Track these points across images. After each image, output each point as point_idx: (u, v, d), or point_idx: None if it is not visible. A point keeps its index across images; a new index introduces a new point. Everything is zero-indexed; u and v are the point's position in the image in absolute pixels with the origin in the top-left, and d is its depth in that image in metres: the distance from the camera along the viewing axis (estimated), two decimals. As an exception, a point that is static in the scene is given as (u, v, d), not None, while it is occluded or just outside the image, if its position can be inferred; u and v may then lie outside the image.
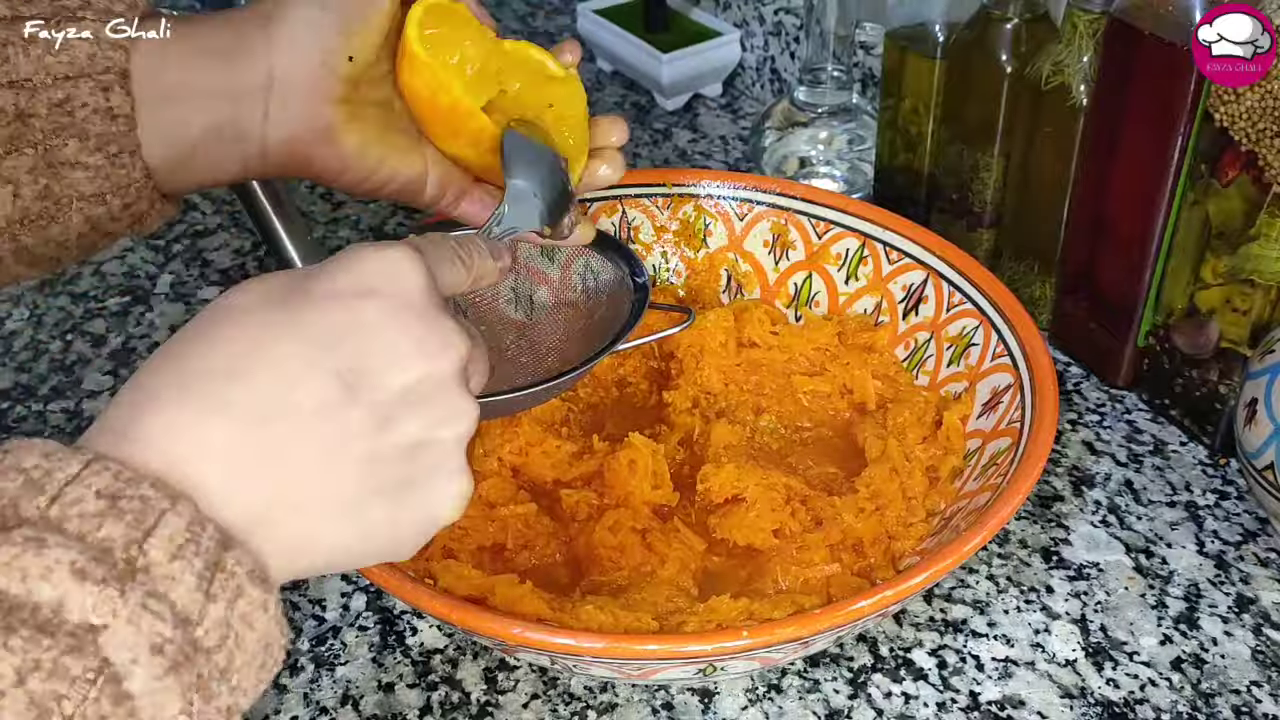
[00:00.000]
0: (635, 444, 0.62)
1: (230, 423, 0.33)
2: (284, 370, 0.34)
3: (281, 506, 0.33)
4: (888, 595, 0.48)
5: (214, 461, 0.32)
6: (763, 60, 1.05)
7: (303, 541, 0.34)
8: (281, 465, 0.33)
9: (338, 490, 0.35)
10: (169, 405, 0.33)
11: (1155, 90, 0.64)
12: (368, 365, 0.35)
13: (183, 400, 0.33)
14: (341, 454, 0.34)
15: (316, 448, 0.34)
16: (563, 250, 0.65)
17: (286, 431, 0.33)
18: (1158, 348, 0.71)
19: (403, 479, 0.36)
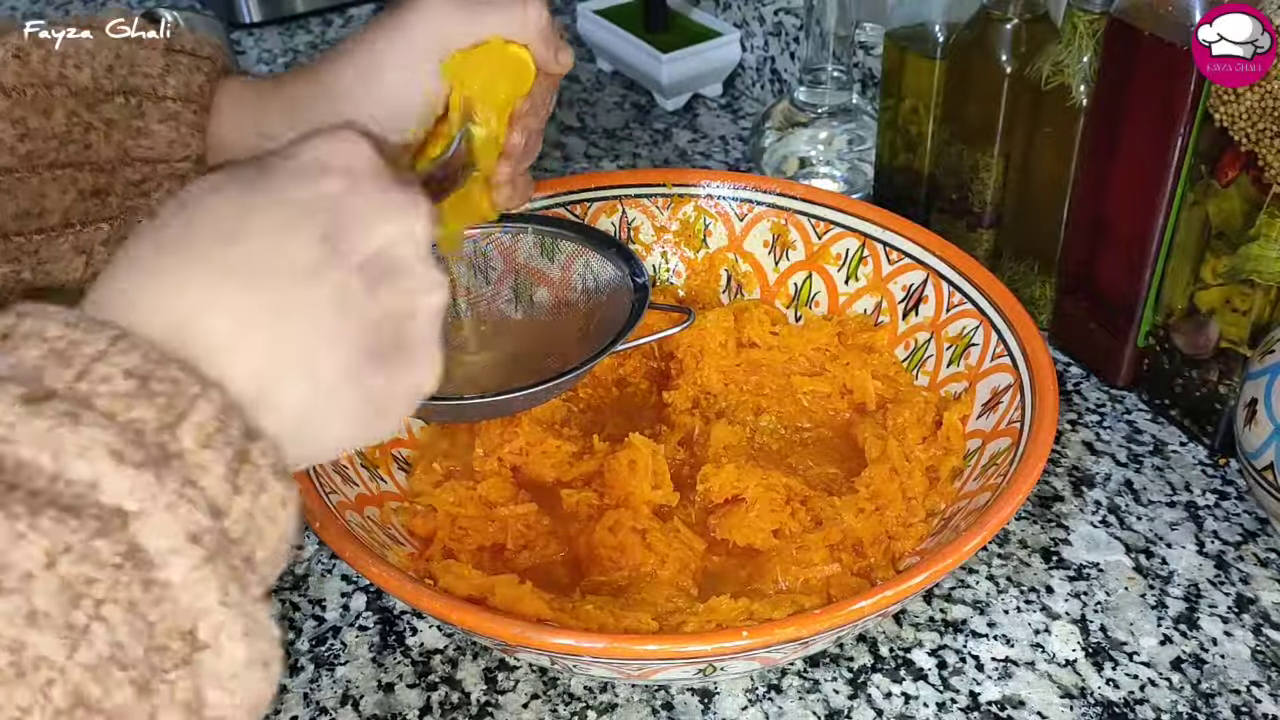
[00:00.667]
0: (636, 444, 0.62)
1: (237, 282, 0.32)
2: (274, 233, 0.33)
3: (291, 370, 0.33)
4: (888, 595, 0.48)
5: (226, 318, 0.32)
6: (763, 60, 1.05)
7: (312, 411, 0.33)
8: (289, 324, 0.33)
9: (342, 352, 0.34)
10: (174, 270, 0.32)
11: (1155, 90, 0.64)
12: (344, 229, 0.35)
13: (188, 265, 0.32)
14: (341, 314, 0.34)
15: (318, 307, 0.33)
16: (563, 250, 0.65)
17: (288, 291, 0.33)
18: (1158, 348, 0.71)
19: (395, 343, 0.36)
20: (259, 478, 0.30)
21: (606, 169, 0.99)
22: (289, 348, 0.33)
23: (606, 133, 1.04)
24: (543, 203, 0.73)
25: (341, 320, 0.34)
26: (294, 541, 0.32)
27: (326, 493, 0.55)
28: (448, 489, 0.62)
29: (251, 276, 0.32)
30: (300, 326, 0.33)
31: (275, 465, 0.31)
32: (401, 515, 0.62)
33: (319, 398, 0.34)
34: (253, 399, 0.31)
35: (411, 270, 0.37)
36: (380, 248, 0.36)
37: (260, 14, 1.23)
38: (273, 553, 0.31)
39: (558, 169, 0.99)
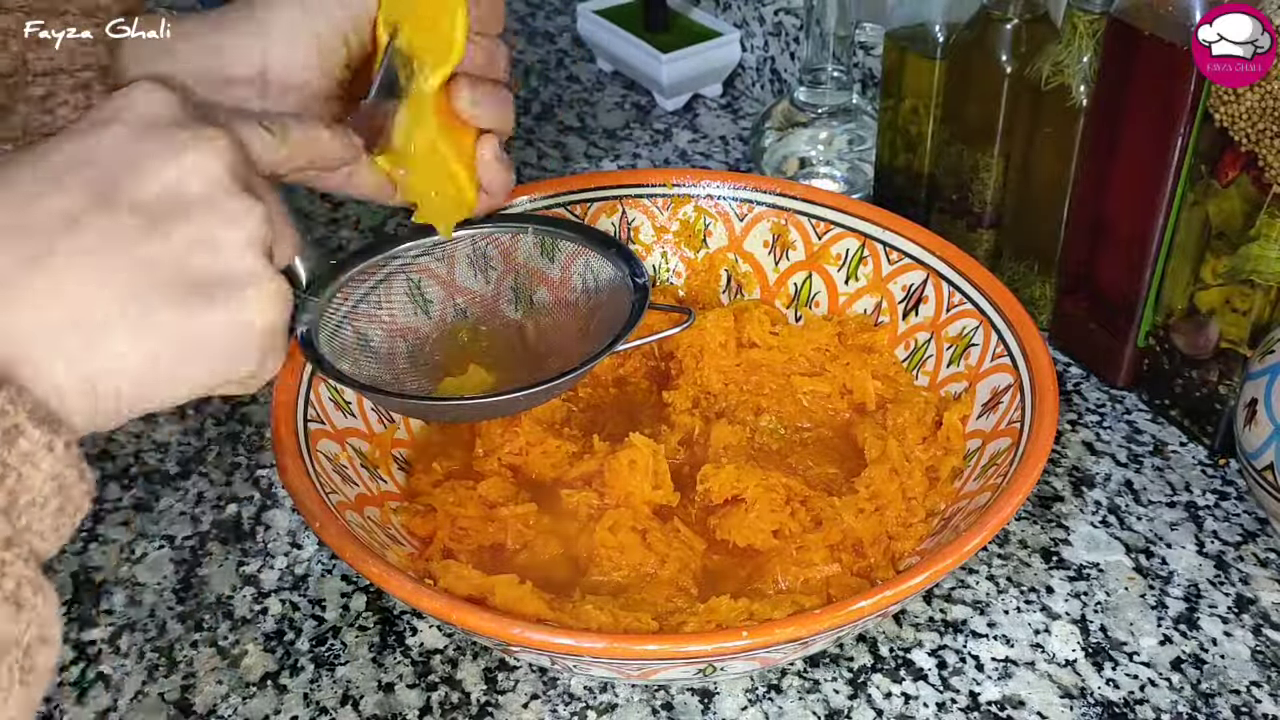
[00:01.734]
0: (636, 444, 0.62)
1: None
2: (23, 192, 0.33)
3: (56, 326, 0.33)
4: (887, 595, 0.48)
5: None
6: (763, 61, 1.05)
7: (92, 360, 0.33)
8: (45, 275, 0.33)
9: (111, 296, 0.33)
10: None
11: (1155, 90, 0.64)
12: (118, 176, 0.34)
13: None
14: (105, 259, 0.33)
15: (80, 254, 0.33)
16: (563, 250, 0.65)
17: (42, 242, 0.33)
18: (1158, 348, 0.71)
19: (189, 280, 0.35)
20: (8, 423, 0.31)
21: (606, 169, 0.99)
22: (52, 307, 0.33)
23: (606, 133, 1.04)
24: (543, 203, 0.73)
25: (111, 262, 0.33)
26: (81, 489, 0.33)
27: (327, 493, 0.55)
28: (448, 489, 0.62)
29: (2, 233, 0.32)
30: (59, 275, 0.33)
31: (33, 411, 0.31)
32: (401, 515, 0.62)
33: (105, 342, 0.33)
34: (17, 358, 0.32)
35: (206, 203, 0.36)
36: (164, 188, 0.35)
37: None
38: (41, 496, 0.31)
39: (558, 169, 0.99)
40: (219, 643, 0.60)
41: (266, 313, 0.36)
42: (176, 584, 0.63)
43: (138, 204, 0.34)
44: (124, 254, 0.34)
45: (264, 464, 0.71)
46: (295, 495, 0.54)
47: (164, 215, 0.35)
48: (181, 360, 0.35)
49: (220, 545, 0.66)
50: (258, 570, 0.64)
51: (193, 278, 0.35)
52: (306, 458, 0.57)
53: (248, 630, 0.61)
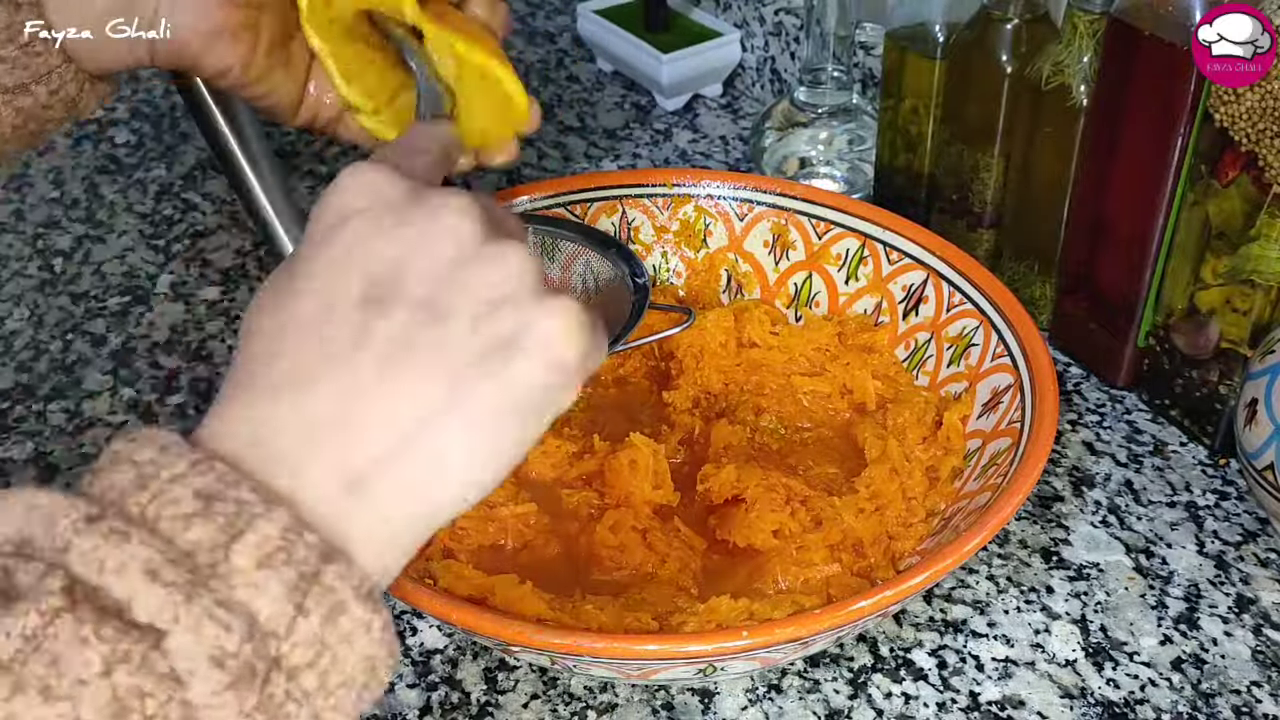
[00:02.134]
0: (636, 444, 0.62)
1: (287, 395, 0.31)
2: (308, 324, 0.32)
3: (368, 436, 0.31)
4: (887, 595, 0.48)
5: (286, 435, 0.31)
6: (763, 61, 1.05)
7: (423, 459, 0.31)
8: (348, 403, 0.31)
9: (420, 392, 0.32)
10: (240, 399, 0.32)
11: (1155, 90, 0.64)
12: (381, 274, 0.33)
13: (248, 391, 0.32)
14: (401, 359, 0.32)
15: (371, 369, 0.31)
16: (563, 250, 0.65)
17: (337, 375, 0.31)
18: (1158, 348, 0.71)
19: (485, 349, 0.32)
20: (333, 599, 0.29)
21: (606, 169, 0.99)
22: (358, 424, 0.31)
23: (606, 133, 1.04)
24: (543, 203, 0.73)
25: (412, 365, 0.32)
26: (388, 666, 0.31)
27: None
28: (448, 489, 0.62)
29: (297, 384, 0.31)
30: (365, 401, 0.31)
31: (359, 587, 0.30)
32: (401, 515, 0.61)
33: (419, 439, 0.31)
34: (338, 503, 0.31)
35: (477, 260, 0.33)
36: (424, 271, 0.33)
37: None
38: (350, 677, 0.30)
39: (558, 169, 0.99)
40: (219, 643, 0.60)
41: (571, 338, 0.33)
42: (176, 584, 0.63)
43: (415, 297, 0.32)
44: (417, 351, 0.32)
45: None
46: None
47: (441, 297, 0.33)
48: (518, 426, 0.33)
49: (220, 545, 0.65)
50: (258, 570, 0.64)
51: (487, 344, 0.32)
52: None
53: (248, 630, 0.61)
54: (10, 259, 0.90)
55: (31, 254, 0.90)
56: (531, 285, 0.34)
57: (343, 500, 0.31)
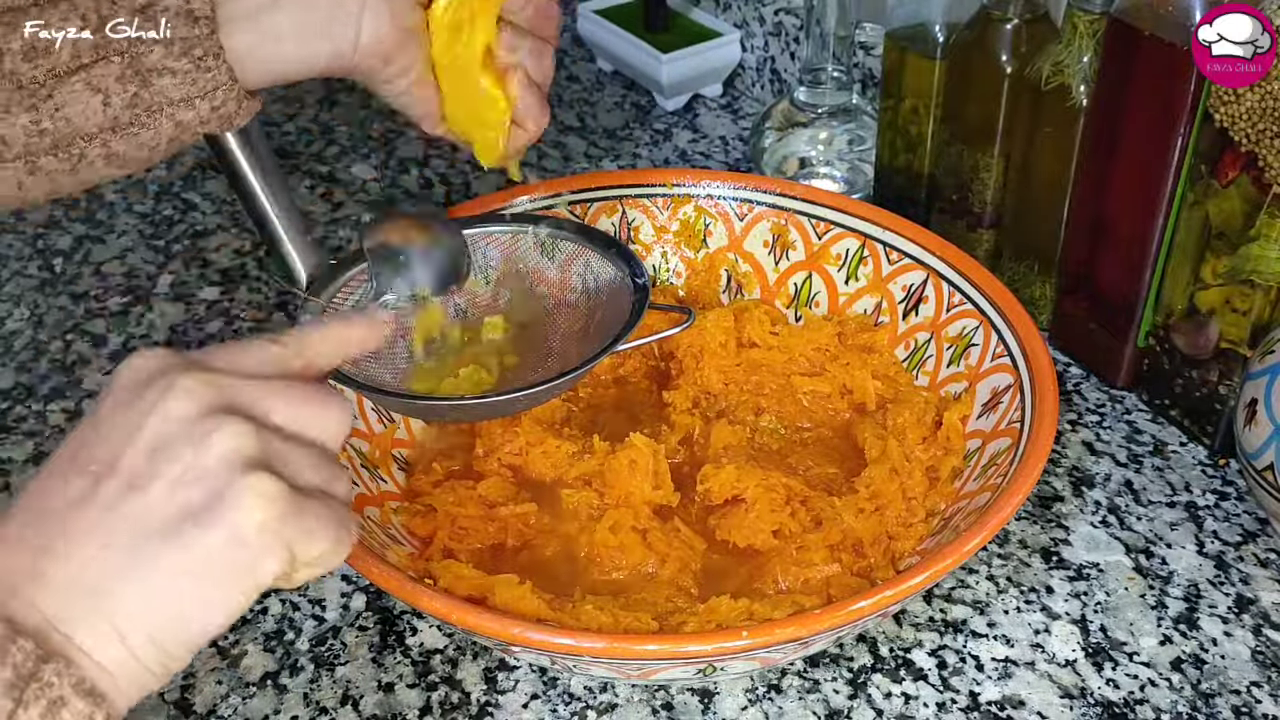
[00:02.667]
0: (636, 444, 0.62)
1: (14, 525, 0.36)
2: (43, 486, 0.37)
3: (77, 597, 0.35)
4: (887, 595, 0.48)
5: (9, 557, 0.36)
6: (763, 61, 1.05)
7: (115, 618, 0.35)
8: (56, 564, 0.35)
9: (114, 558, 0.36)
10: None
11: (1155, 90, 0.64)
12: (105, 454, 0.37)
13: None
14: (103, 527, 0.36)
15: (81, 535, 0.36)
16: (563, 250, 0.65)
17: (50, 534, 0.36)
18: (1158, 348, 0.71)
19: (179, 515, 0.36)
20: (54, 694, 0.33)
21: (606, 169, 0.99)
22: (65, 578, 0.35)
23: (606, 133, 1.04)
24: (543, 203, 0.73)
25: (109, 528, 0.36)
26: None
27: (326, 493, 0.55)
28: (448, 489, 0.62)
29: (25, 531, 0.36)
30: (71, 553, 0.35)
31: (79, 684, 0.34)
32: (401, 515, 0.62)
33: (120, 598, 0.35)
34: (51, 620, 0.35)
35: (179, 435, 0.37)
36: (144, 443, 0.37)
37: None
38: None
39: (558, 169, 0.99)
40: (219, 643, 0.60)
41: (253, 513, 0.36)
42: (176, 584, 0.63)
43: (120, 470, 0.36)
44: (118, 517, 0.36)
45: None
46: (295, 495, 0.54)
47: (140, 468, 0.37)
48: (198, 588, 0.36)
49: (220, 545, 0.66)
50: (258, 570, 0.64)
51: (181, 511, 0.36)
52: (306, 458, 0.56)
53: (247, 630, 0.61)
54: (10, 259, 0.90)
55: (31, 254, 0.90)
56: (228, 464, 0.37)
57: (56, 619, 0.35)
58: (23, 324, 0.83)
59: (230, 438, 0.37)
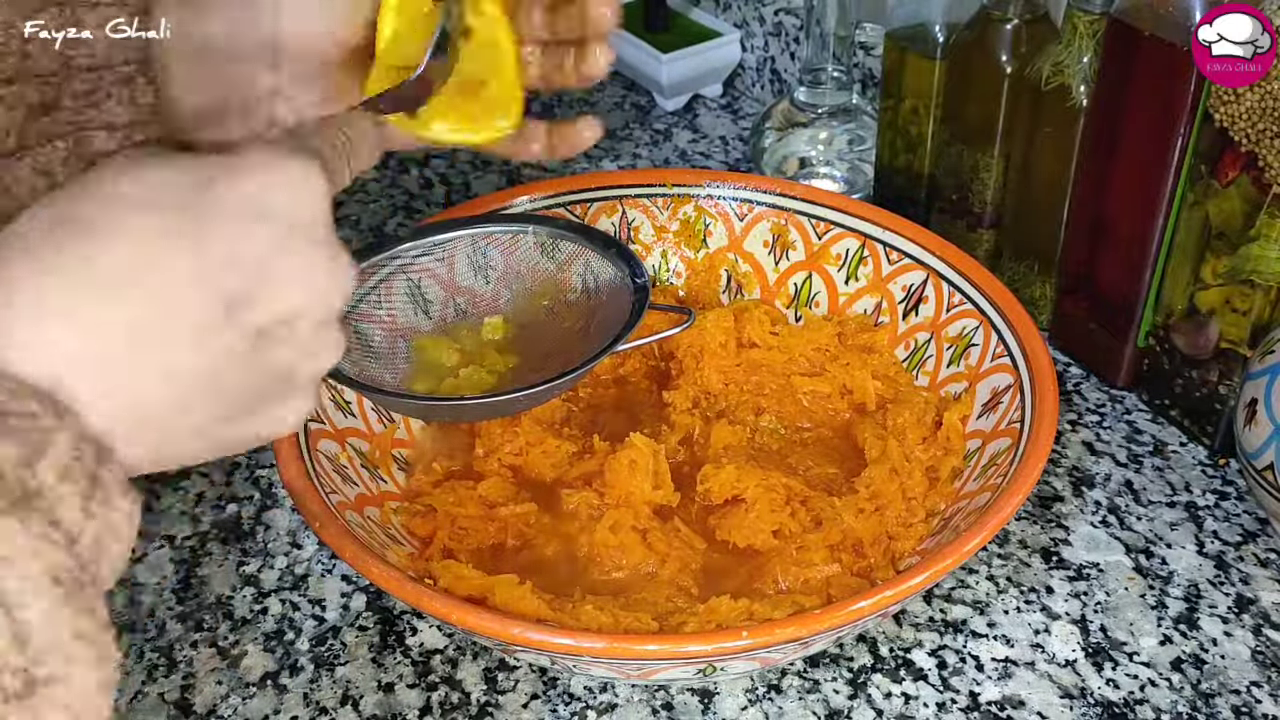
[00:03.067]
0: (636, 444, 0.62)
1: (107, 343, 0.33)
2: (170, 294, 0.34)
3: (146, 422, 0.34)
4: (887, 595, 0.48)
5: (88, 377, 0.32)
6: (763, 61, 1.05)
7: (156, 447, 0.34)
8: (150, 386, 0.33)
9: (198, 412, 0.35)
10: (48, 318, 0.32)
11: (1155, 91, 0.64)
12: (253, 291, 0.35)
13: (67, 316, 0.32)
14: (207, 379, 0.35)
15: (184, 369, 0.34)
16: (563, 250, 0.65)
17: (159, 355, 0.33)
18: (1158, 348, 0.71)
19: (256, 399, 0.36)
20: (104, 496, 0.31)
21: (606, 169, 0.99)
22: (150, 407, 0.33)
23: (607, 133, 1.04)
24: (543, 203, 0.73)
25: (207, 389, 0.35)
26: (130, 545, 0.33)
27: (327, 493, 0.55)
28: (448, 489, 0.62)
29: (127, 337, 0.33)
30: (165, 390, 0.34)
31: (122, 483, 0.32)
32: (401, 515, 0.62)
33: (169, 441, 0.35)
34: (109, 433, 0.32)
35: (311, 335, 0.37)
36: (287, 313, 0.36)
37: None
38: (114, 566, 0.32)
39: (558, 169, 0.99)
40: (219, 643, 0.60)
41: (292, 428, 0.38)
42: (176, 584, 0.63)
43: (251, 326, 0.35)
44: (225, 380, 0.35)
45: (264, 464, 0.71)
46: (295, 495, 0.54)
47: (265, 342, 0.36)
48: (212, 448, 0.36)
49: (220, 545, 0.66)
50: (257, 570, 0.64)
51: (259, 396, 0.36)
52: (306, 458, 0.57)
53: (247, 630, 0.61)
54: (10, 259, 0.90)
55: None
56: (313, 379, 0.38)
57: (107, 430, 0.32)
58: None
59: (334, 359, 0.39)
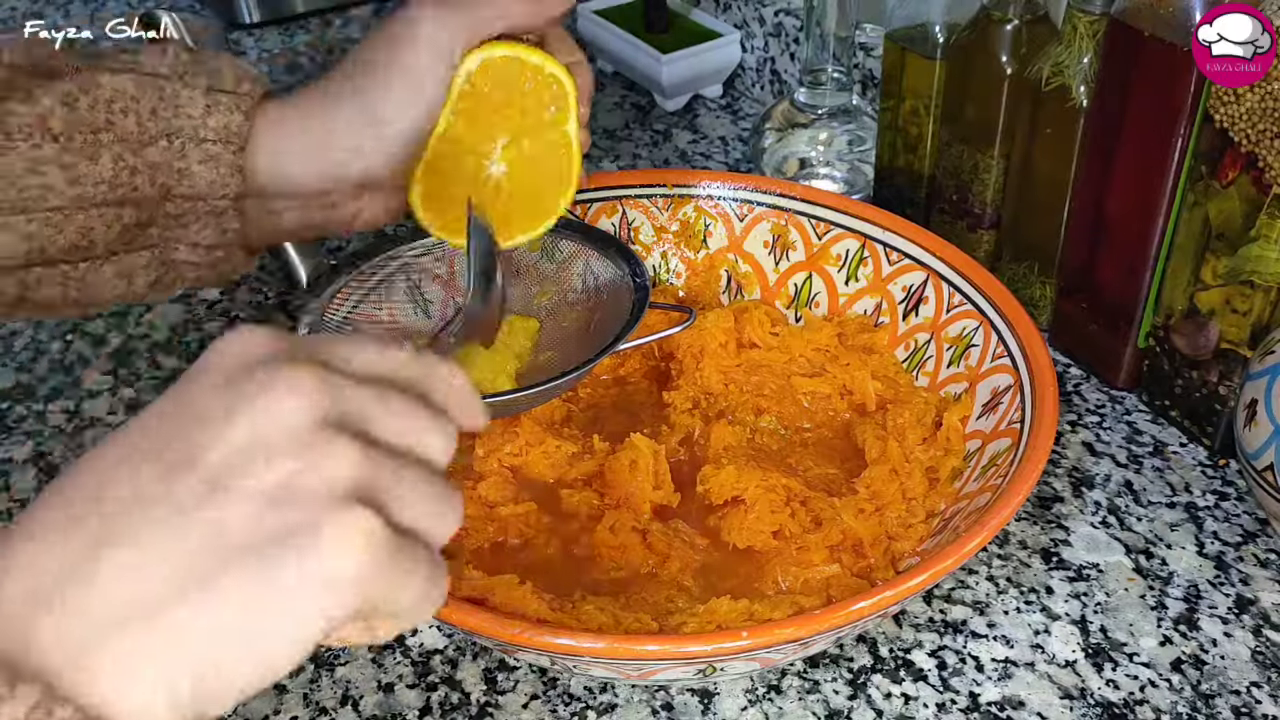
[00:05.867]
0: (637, 444, 0.62)
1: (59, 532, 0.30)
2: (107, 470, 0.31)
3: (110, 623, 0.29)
4: (887, 596, 0.48)
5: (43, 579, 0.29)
6: (763, 61, 1.05)
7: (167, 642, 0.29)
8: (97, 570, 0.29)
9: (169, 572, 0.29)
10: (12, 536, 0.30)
11: (1155, 91, 0.64)
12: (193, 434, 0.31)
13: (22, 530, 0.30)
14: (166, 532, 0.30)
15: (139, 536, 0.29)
16: (563, 250, 0.65)
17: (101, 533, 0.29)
18: (1158, 349, 0.71)
19: (262, 538, 0.30)
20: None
21: (606, 169, 0.99)
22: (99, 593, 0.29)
23: (606, 133, 1.04)
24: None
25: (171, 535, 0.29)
26: None
27: (326, 493, 0.55)
28: (448, 489, 0.62)
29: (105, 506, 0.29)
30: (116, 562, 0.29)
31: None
32: (401, 515, 0.61)
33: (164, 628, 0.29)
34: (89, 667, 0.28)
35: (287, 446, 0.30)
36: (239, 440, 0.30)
37: (260, 14, 1.23)
38: None
39: (558, 169, 0.99)
40: (219, 643, 0.60)
41: (351, 554, 0.30)
42: (176, 584, 0.63)
43: (208, 462, 0.30)
44: (191, 521, 0.29)
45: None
46: (295, 495, 0.54)
47: (234, 470, 0.30)
48: (265, 623, 0.29)
49: (220, 545, 0.66)
50: (257, 570, 0.64)
51: (269, 532, 0.30)
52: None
53: (247, 630, 0.61)
54: (10, 259, 0.90)
55: (31, 254, 0.90)
56: (336, 496, 0.30)
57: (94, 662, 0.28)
58: (23, 324, 0.83)
59: (343, 461, 0.31)
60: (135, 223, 0.52)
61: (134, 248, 0.53)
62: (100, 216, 0.51)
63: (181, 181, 0.52)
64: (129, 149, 0.51)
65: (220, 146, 0.52)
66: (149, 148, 0.51)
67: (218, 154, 0.52)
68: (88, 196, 0.50)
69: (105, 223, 0.51)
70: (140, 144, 0.51)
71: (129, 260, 0.54)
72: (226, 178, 0.53)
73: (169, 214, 0.53)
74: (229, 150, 0.53)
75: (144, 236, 0.53)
